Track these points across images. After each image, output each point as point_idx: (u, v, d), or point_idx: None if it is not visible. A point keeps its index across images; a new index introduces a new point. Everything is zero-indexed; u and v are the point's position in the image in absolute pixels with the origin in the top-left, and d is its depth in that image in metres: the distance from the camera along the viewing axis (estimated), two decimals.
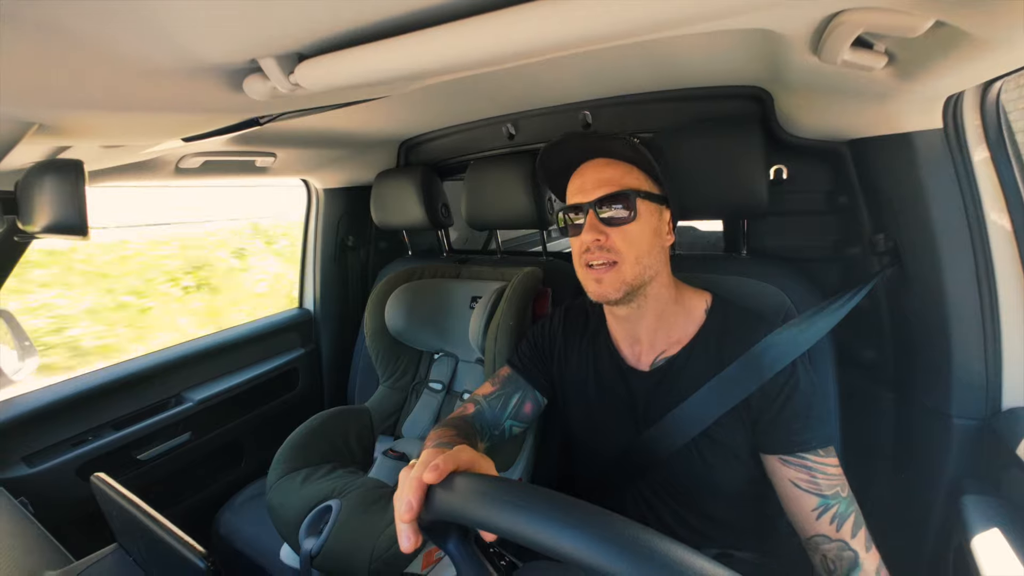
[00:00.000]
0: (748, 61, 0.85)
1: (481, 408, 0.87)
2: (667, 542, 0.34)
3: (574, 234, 0.76)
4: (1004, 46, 0.49)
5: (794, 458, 0.70)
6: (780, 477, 0.72)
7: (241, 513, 1.25)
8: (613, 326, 0.85)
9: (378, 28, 0.49)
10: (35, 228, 0.61)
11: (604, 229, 0.72)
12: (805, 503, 0.69)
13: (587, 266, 0.75)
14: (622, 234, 0.72)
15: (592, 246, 0.73)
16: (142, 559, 0.71)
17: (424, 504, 0.45)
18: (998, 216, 0.76)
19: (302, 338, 1.73)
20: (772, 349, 0.74)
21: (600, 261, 0.73)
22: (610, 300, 0.74)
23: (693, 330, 0.80)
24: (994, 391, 0.79)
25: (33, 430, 1.11)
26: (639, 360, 0.82)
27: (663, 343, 0.80)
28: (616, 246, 0.72)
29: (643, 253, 0.73)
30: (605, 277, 0.73)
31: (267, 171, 1.43)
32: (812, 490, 0.69)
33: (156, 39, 0.46)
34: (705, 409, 0.75)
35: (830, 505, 0.68)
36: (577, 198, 0.75)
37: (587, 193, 0.74)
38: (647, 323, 0.80)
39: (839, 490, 0.69)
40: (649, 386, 0.80)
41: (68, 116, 0.64)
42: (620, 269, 0.73)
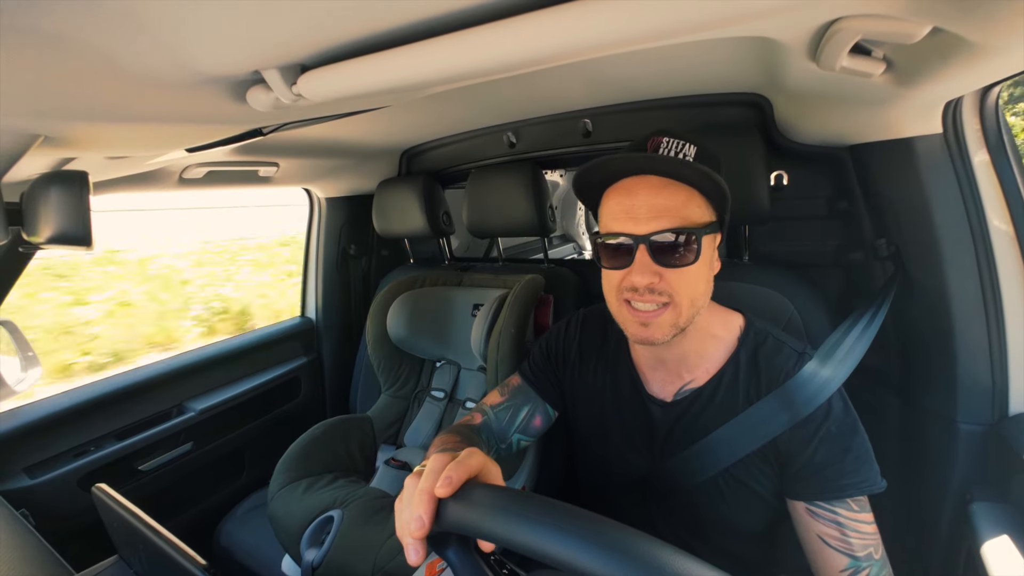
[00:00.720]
0: (747, 68, 0.86)
1: (488, 420, 0.83)
2: (702, 566, 0.33)
3: (614, 266, 0.64)
4: (1002, 51, 0.49)
5: (824, 510, 0.63)
6: (807, 529, 0.64)
7: (243, 524, 1.24)
8: (639, 351, 0.77)
9: (380, 39, 0.50)
10: (40, 239, 0.62)
11: (659, 270, 0.61)
12: (834, 562, 0.61)
13: (628, 303, 0.64)
14: (680, 275, 0.61)
15: (643, 288, 0.61)
16: (143, 571, 0.71)
17: (435, 516, 0.43)
18: (1000, 220, 0.76)
19: (304, 347, 1.73)
20: (806, 386, 0.66)
21: (651, 306, 0.62)
22: (656, 343, 0.64)
23: (723, 356, 0.72)
24: (1001, 396, 0.78)
25: (35, 441, 1.11)
26: (663, 388, 0.75)
27: (691, 371, 0.73)
28: (673, 288, 0.62)
29: (699, 295, 0.64)
30: (654, 321, 0.63)
31: (270, 181, 1.43)
32: (842, 549, 0.61)
33: (160, 51, 0.46)
34: (729, 447, 0.68)
35: (861, 568, 0.60)
36: (624, 225, 0.62)
37: (639, 223, 0.61)
38: (678, 351, 0.72)
39: (872, 551, 0.61)
40: (672, 417, 0.74)
41: (73, 128, 0.64)
42: (673, 312, 0.63)
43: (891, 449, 0.96)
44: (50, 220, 0.60)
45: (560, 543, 0.35)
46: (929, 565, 0.86)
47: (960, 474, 0.81)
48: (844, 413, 0.66)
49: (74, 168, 0.80)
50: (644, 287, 0.61)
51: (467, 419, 0.84)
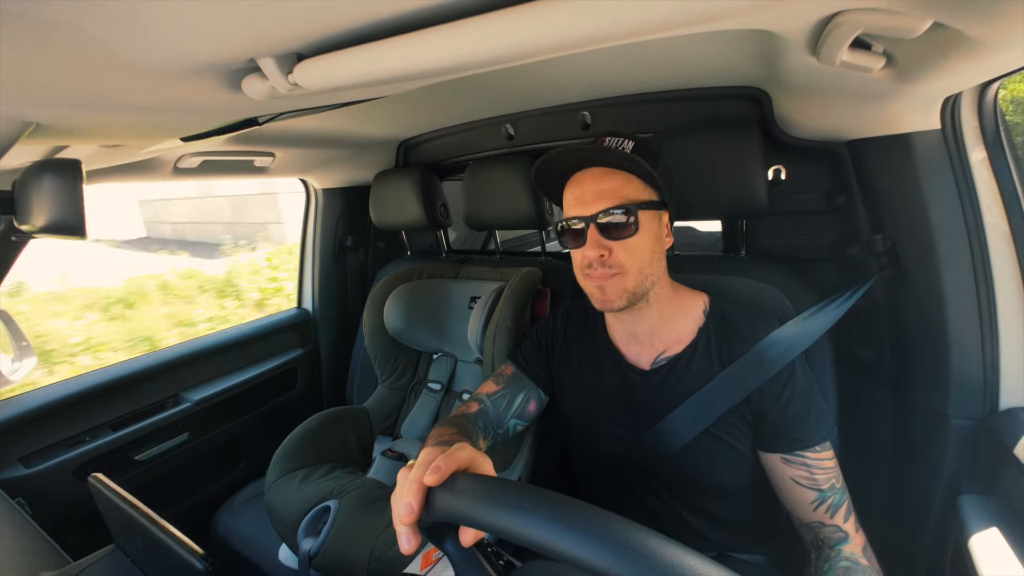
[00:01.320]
0: (746, 62, 0.85)
1: (485, 407, 0.87)
2: (674, 546, 0.34)
3: (574, 246, 0.75)
4: (1002, 47, 0.49)
5: (795, 457, 0.72)
6: (780, 475, 0.74)
7: (239, 514, 1.25)
8: (613, 326, 0.85)
9: (377, 28, 0.49)
10: (33, 228, 0.61)
11: (606, 243, 0.72)
12: (804, 497, 0.72)
13: (587, 276, 0.75)
14: (624, 247, 0.72)
15: (595, 262, 0.72)
16: (140, 560, 0.71)
17: (424, 505, 0.44)
18: (996, 216, 0.77)
19: (300, 338, 1.73)
20: (773, 347, 0.75)
21: (604, 276, 0.73)
22: (615, 308, 0.74)
23: (693, 329, 0.80)
24: (992, 391, 0.79)
25: (30, 430, 1.10)
26: (640, 359, 0.82)
27: (663, 342, 0.81)
28: (619, 260, 0.72)
29: (645, 263, 0.73)
30: (608, 284, 0.73)
31: (266, 171, 1.42)
32: (811, 486, 0.71)
33: (154, 38, 0.46)
34: (708, 406, 0.76)
35: (826, 497, 0.71)
36: (576, 210, 0.74)
37: (587, 206, 0.72)
38: (647, 324, 0.80)
39: (834, 482, 0.72)
40: (651, 384, 0.80)
41: (65, 115, 0.64)
42: (623, 278, 0.72)
43: (882, 442, 0.97)
44: (43, 209, 0.59)
45: (539, 527, 0.36)
46: (917, 556, 0.87)
47: (950, 467, 0.82)
48: (804, 373, 0.76)
49: (67, 156, 0.79)
50: (595, 260, 0.72)
51: (463, 409, 0.87)
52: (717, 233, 1.32)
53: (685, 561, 0.32)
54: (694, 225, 2.35)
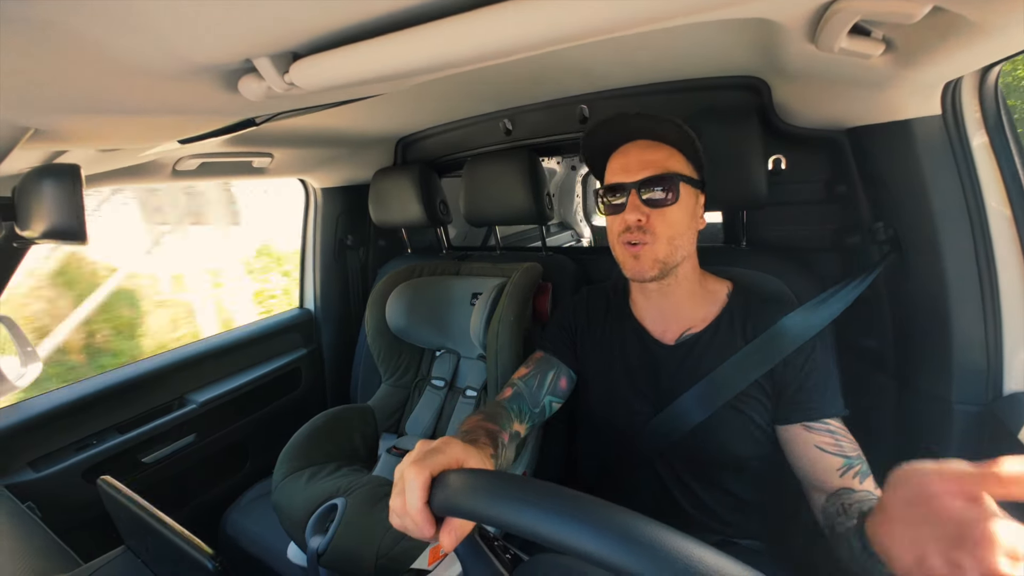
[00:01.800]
0: (745, 51, 0.85)
1: (519, 389, 0.89)
2: (663, 529, 0.34)
3: (613, 212, 0.78)
4: (1002, 31, 0.48)
5: (819, 424, 0.73)
6: (805, 443, 0.74)
7: (247, 513, 1.26)
8: (641, 304, 0.88)
9: (373, 25, 0.49)
10: (33, 234, 0.61)
11: (646, 210, 0.75)
12: (831, 463, 0.71)
13: (625, 244, 0.77)
14: (662, 216, 0.75)
15: (633, 226, 0.75)
16: (150, 560, 0.72)
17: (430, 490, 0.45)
18: (997, 202, 0.76)
19: (303, 338, 1.73)
20: (792, 328, 0.78)
21: (638, 241, 0.76)
22: (646, 277, 0.77)
23: (717, 310, 0.83)
24: (995, 376, 0.79)
25: (38, 435, 1.11)
26: (664, 334, 0.85)
27: (689, 320, 0.83)
28: (655, 227, 0.75)
29: (677, 235, 0.76)
30: (642, 252, 0.76)
31: (264, 172, 1.42)
32: (837, 452, 0.71)
33: (148, 40, 0.45)
34: (730, 380, 0.77)
35: (854, 464, 0.70)
36: (620, 177, 0.77)
37: (631, 173, 0.76)
38: (675, 300, 0.83)
39: (860, 453, 0.72)
40: (676, 358, 0.82)
41: (63, 120, 0.63)
42: (654, 247, 0.75)
43: (885, 429, 0.98)
44: (43, 214, 0.59)
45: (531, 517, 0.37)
46: None
47: (953, 453, 0.82)
48: (824, 349, 0.78)
49: (66, 161, 0.79)
50: (634, 224, 0.75)
51: (500, 395, 0.89)
52: (718, 224, 1.31)
53: (682, 548, 0.33)
54: None
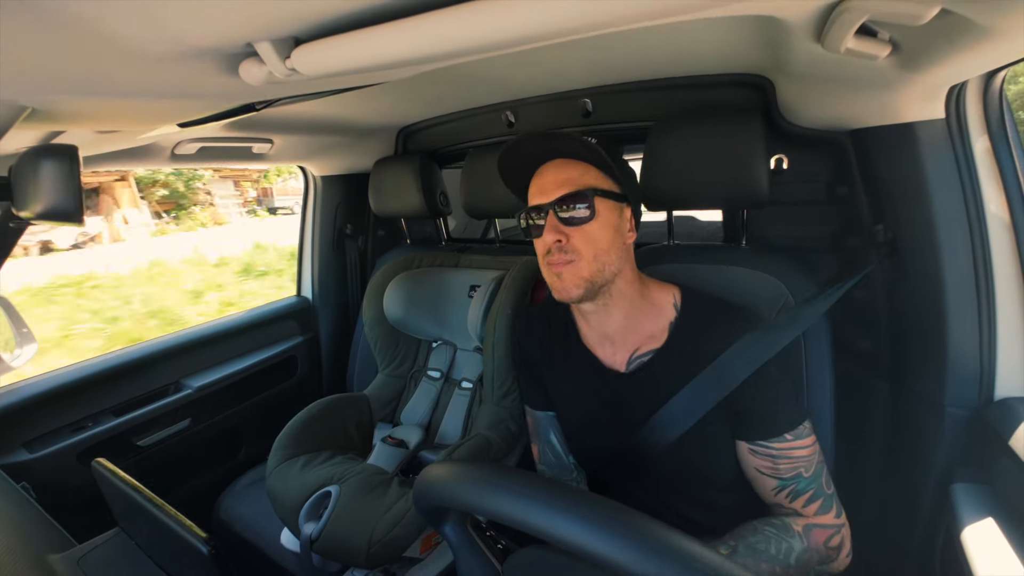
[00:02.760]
0: (751, 49, 0.84)
1: (550, 472, 0.91)
2: (635, 516, 0.35)
3: (536, 235, 0.76)
4: (1010, 36, 0.48)
5: (760, 447, 0.73)
6: (747, 464, 0.75)
7: (241, 498, 1.27)
8: (584, 327, 0.84)
9: (377, 12, 0.48)
10: (29, 214, 0.61)
11: (564, 229, 0.72)
12: (765, 484, 0.73)
13: (549, 265, 0.75)
14: (582, 233, 0.72)
15: (553, 247, 0.73)
16: (144, 543, 0.72)
17: (417, 492, 0.46)
18: (997, 208, 0.76)
19: (301, 326, 1.73)
20: (758, 343, 0.74)
21: (559, 262, 0.73)
22: (572, 298, 0.74)
23: (665, 325, 0.79)
24: (988, 381, 0.79)
25: (33, 416, 1.11)
26: (614, 359, 0.81)
27: (635, 340, 0.80)
28: (576, 246, 0.72)
29: (602, 251, 0.73)
30: (564, 271, 0.73)
31: (264, 157, 1.41)
32: (772, 475, 0.72)
33: (149, 21, 0.45)
34: (692, 406, 0.75)
35: (787, 485, 0.72)
36: (537, 199, 0.75)
37: (547, 194, 0.74)
38: (616, 320, 0.79)
39: (802, 471, 0.71)
40: (630, 387, 0.80)
41: (61, 100, 0.63)
42: (578, 265, 0.72)
43: (878, 431, 0.98)
44: (39, 194, 0.59)
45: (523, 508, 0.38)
46: (909, 543, 0.89)
47: (944, 456, 0.83)
48: (776, 359, 0.75)
49: (63, 142, 0.79)
50: (553, 245, 0.72)
51: None
52: (718, 222, 1.31)
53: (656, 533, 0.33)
54: (694, 214, 2.34)
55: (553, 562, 0.47)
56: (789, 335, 0.77)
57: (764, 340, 0.75)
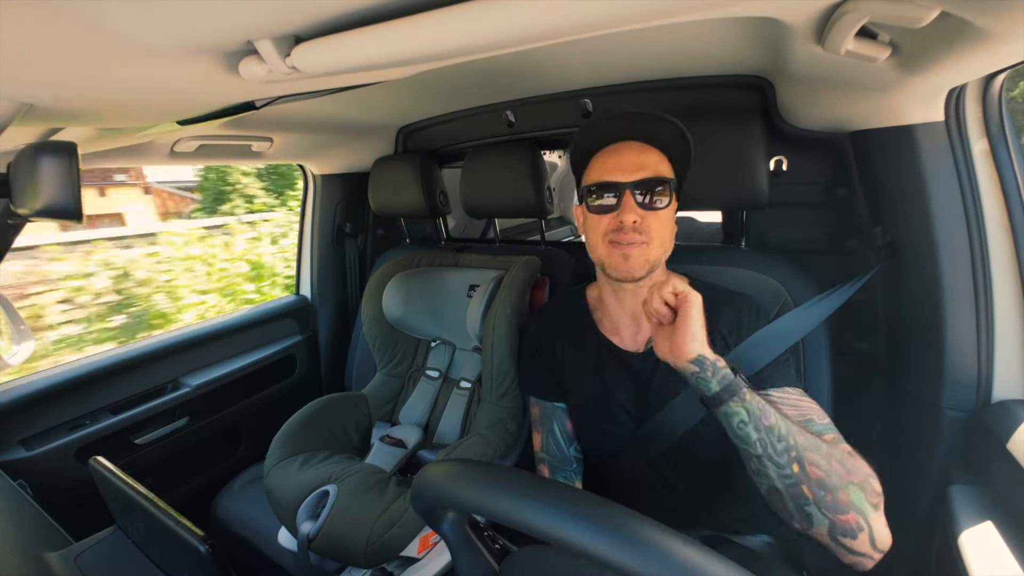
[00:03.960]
0: (752, 50, 0.84)
1: (550, 461, 0.91)
2: (632, 516, 0.35)
3: (602, 211, 0.77)
4: (1009, 38, 0.48)
5: (760, 395, 0.69)
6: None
7: (239, 497, 1.26)
8: (611, 308, 0.86)
9: (377, 10, 0.48)
10: (28, 211, 0.60)
11: (641, 212, 0.75)
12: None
13: (612, 243, 0.77)
14: (656, 218, 0.76)
15: (628, 227, 0.75)
16: (141, 541, 0.72)
17: (415, 492, 0.46)
18: (995, 210, 0.77)
19: (299, 324, 1.73)
20: (772, 336, 0.77)
21: (632, 242, 0.75)
22: (635, 276, 0.77)
23: None
24: (985, 383, 0.80)
25: (30, 413, 1.11)
26: (633, 342, 0.84)
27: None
28: (650, 228, 0.75)
29: (667, 237, 0.78)
30: (633, 253, 0.75)
31: (263, 156, 1.41)
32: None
33: (149, 18, 0.45)
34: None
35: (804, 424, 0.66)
36: (615, 176, 0.76)
37: (627, 173, 0.75)
38: (638, 302, 0.81)
39: (814, 417, 0.68)
40: (649, 365, 0.82)
41: (61, 97, 0.63)
42: (648, 248, 0.76)
43: (876, 433, 0.99)
44: (38, 191, 0.58)
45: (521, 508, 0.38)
46: (906, 544, 0.89)
47: (941, 458, 0.83)
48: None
49: (62, 138, 0.78)
50: (630, 225, 0.75)
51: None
52: (717, 224, 1.31)
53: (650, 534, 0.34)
54: (694, 215, 2.34)
55: (550, 562, 0.47)
56: (806, 327, 0.80)
57: (782, 329, 0.78)
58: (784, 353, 0.77)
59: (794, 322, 0.80)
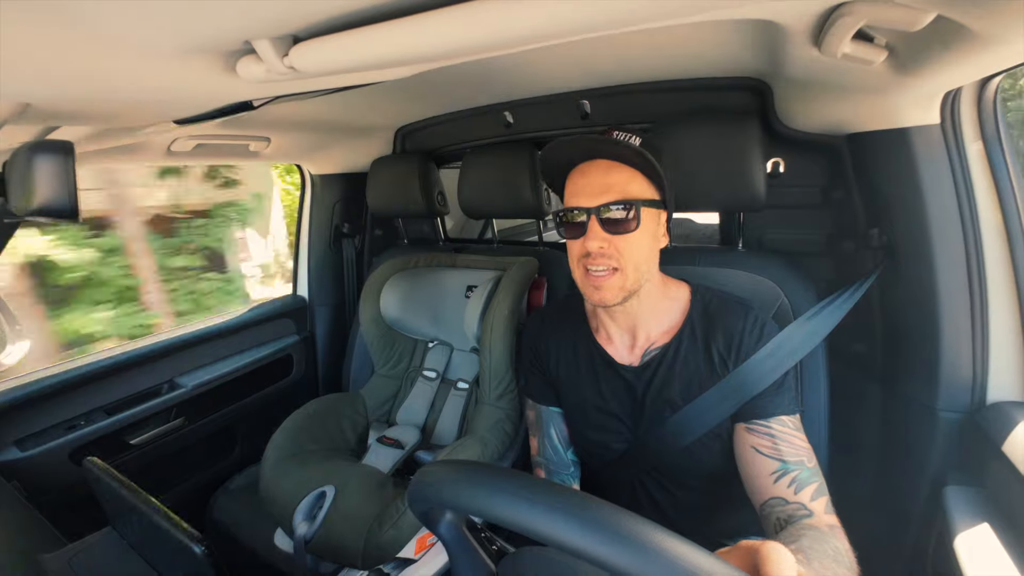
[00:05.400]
0: (748, 52, 0.85)
1: (546, 465, 0.91)
2: (631, 517, 0.35)
3: (572, 236, 0.75)
4: (1004, 41, 0.48)
5: (759, 426, 0.71)
6: (743, 445, 0.72)
7: (235, 498, 1.26)
8: (605, 321, 0.84)
9: (376, 11, 0.48)
10: (24, 210, 0.60)
11: (607, 236, 0.72)
12: (764, 467, 0.68)
13: (586, 270, 0.75)
14: (624, 242, 0.72)
15: (595, 253, 0.72)
16: (136, 542, 0.72)
17: (412, 493, 0.46)
18: (990, 212, 0.77)
19: (296, 325, 1.73)
20: (772, 359, 0.75)
21: (601, 268, 0.73)
22: (609, 304, 0.75)
23: (678, 318, 0.81)
24: (980, 385, 0.80)
25: (25, 414, 1.10)
26: (629, 354, 0.83)
27: (651, 335, 0.81)
28: (618, 253, 0.72)
29: (642, 260, 0.74)
30: (604, 284, 0.73)
31: (260, 156, 1.41)
32: (773, 455, 0.69)
33: (147, 18, 0.45)
34: (708, 413, 0.75)
35: (790, 470, 0.67)
36: (580, 200, 0.73)
37: (591, 197, 0.72)
38: (633, 318, 0.80)
39: (804, 460, 0.68)
40: (645, 380, 0.80)
41: (57, 95, 0.62)
42: (620, 276, 0.73)
43: (871, 434, 0.99)
44: (34, 191, 0.58)
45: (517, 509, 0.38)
46: (902, 546, 0.89)
47: (936, 459, 0.83)
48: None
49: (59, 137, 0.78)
50: (596, 251, 0.72)
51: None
52: (714, 225, 1.32)
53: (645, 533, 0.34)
54: (691, 217, 2.35)
55: (548, 563, 0.47)
56: (809, 345, 0.79)
57: (784, 350, 0.76)
58: (788, 377, 0.75)
59: (795, 341, 0.78)
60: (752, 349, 0.76)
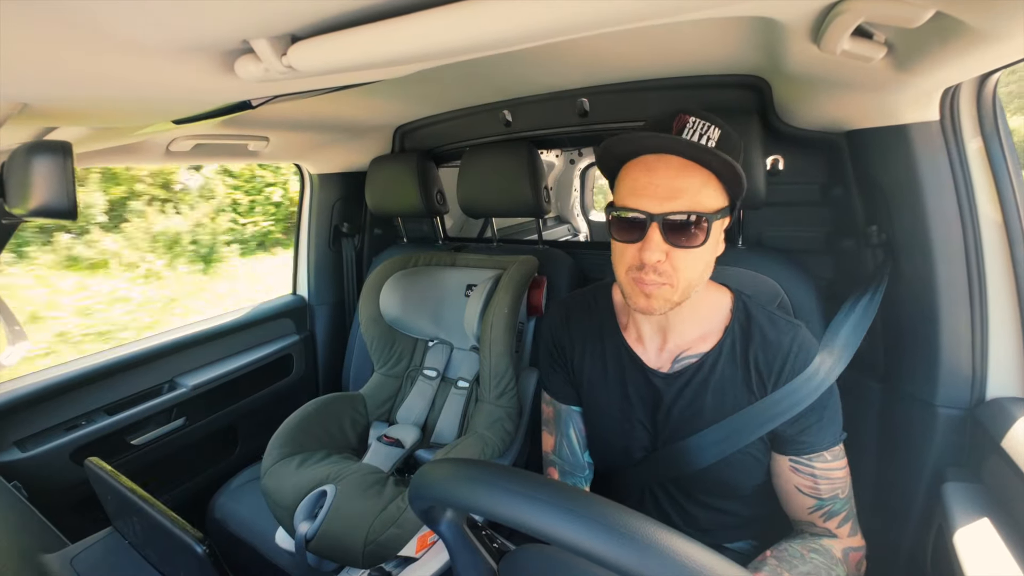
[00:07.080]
0: (748, 49, 0.85)
1: (561, 465, 0.88)
2: (633, 515, 0.35)
3: (626, 240, 0.66)
4: (1003, 38, 0.48)
5: (804, 466, 0.72)
6: (786, 480, 0.74)
7: (236, 497, 1.26)
8: (637, 319, 0.79)
9: (374, 9, 0.48)
10: (22, 210, 0.60)
11: (667, 248, 0.64)
12: (802, 502, 0.73)
13: (635, 281, 0.67)
14: (685, 256, 0.64)
15: (649, 267, 0.64)
16: (137, 542, 0.72)
17: (413, 491, 0.45)
18: (990, 209, 0.77)
19: (296, 324, 1.73)
20: (813, 378, 0.71)
21: (654, 283, 0.66)
22: (656, 314, 0.68)
23: (719, 328, 0.75)
24: (980, 381, 0.80)
25: (25, 415, 1.10)
26: (659, 359, 0.78)
27: (686, 342, 0.76)
28: (677, 267, 0.65)
29: (698, 275, 0.67)
30: (656, 292, 0.66)
31: (259, 155, 1.41)
32: (811, 494, 0.72)
33: (145, 17, 0.44)
34: (739, 434, 0.72)
35: (824, 505, 0.72)
36: (642, 202, 0.63)
37: (657, 200, 0.63)
38: (675, 319, 0.75)
39: (839, 492, 0.71)
40: (675, 389, 0.76)
41: (55, 96, 0.62)
42: (672, 290, 0.66)
43: (870, 432, 0.99)
44: (32, 191, 0.58)
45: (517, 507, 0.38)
46: (901, 541, 0.89)
47: (936, 456, 0.84)
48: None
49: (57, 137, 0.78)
50: (651, 265, 0.64)
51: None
52: None
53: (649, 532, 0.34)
54: None
55: (549, 561, 0.47)
56: (843, 362, 0.76)
57: (821, 373, 0.72)
58: (824, 398, 0.71)
59: (836, 357, 0.75)
60: (795, 373, 0.71)
